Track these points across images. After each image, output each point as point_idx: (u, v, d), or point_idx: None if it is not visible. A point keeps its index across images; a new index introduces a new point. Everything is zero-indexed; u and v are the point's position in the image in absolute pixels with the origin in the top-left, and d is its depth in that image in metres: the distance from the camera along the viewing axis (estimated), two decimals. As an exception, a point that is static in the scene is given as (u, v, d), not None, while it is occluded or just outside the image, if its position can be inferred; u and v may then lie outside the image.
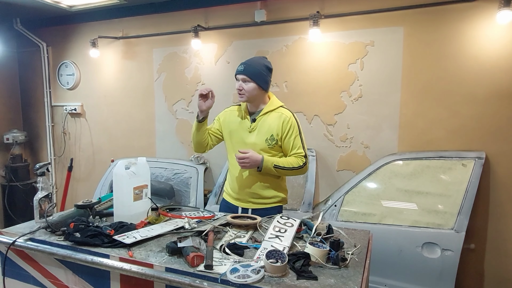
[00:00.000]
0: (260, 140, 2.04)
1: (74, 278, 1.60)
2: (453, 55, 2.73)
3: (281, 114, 2.05)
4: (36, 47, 4.31)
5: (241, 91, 2.02)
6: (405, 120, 2.91)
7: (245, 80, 2.01)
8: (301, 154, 2.03)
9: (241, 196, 2.12)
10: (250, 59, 2.08)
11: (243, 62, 2.05)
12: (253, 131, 2.06)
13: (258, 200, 2.10)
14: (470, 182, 2.53)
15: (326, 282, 1.28)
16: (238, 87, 2.02)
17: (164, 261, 1.43)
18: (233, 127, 2.13)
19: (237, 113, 2.15)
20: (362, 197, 2.78)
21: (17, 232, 1.72)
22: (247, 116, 2.10)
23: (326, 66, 3.12)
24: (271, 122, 2.04)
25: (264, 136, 2.03)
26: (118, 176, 1.82)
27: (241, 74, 2.01)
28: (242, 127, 2.10)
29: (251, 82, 2.01)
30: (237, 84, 2.03)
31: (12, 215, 4.21)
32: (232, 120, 2.15)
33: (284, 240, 1.56)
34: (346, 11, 3.00)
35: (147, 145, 3.97)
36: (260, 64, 2.05)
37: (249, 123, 2.08)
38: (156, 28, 3.75)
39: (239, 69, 2.02)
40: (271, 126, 2.03)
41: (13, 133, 4.29)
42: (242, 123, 2.10)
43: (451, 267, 2.39)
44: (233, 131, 2.13)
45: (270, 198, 2.10)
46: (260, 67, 2.04)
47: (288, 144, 2.04)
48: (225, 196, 2.23)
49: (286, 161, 2.01)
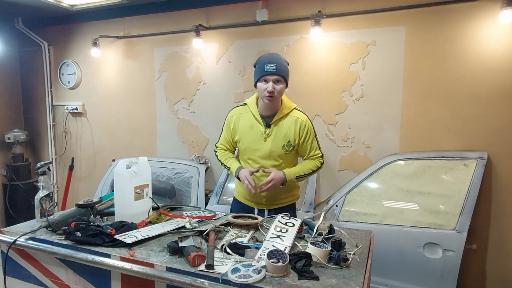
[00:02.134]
0: (276, 147, 1.94)
1: (75, 278, 1.59)
2: (455, 55, 2.72)
3: (296, 119, 1.95)
4: (38, 47, 4.32)
5: (273, 93, 1.83)
6: (406, 120, 2.91)
7: (278, 80, 1.85)
8: (318, 155, 2.00)
9: (257, 199, 2.07)
10: (272, 56, 1.90)
11: (269, 60, 1.85)
12: (268, 137, 1.94)
13: (274, 201, 2.07)
14: (472, 182, 2.52)
15: (328, 282, 1.28)
16: (270, 89, 1.82)
17: (165, 260, 1.43)
18: (244, 132, 1.98)
19: (246, 116, 1.99)
20: (363, 197, 2.77)
21: (18, 231, 1.72)
22: (259, 120, 1.95)
23: (328, 66, 3.11)
24: (287, 127, 1.93)
25: (281, 143, 1.93)
26: (119, 175, 1.82)
27: (274, 75, 1.82)
28: (256, 133, 1.95)
29: (282, 83, 1.87)
30: (269, 86, 1.82)
31: (13, 214, 4.22)
32: (242, 126, 2.00)
33: (286, 240, 1.55)
34: (347, 11, 2.99)
35: (148, 145, 3.97)
36: (285, 61, 1.91)
37: (263, 128, 1.94)
38: (157, 28, 3.75)
39: (269, 69, 1.81)
40: (287, 132, 1.93)
41: (15, 132, 4.30)
42: (254, 128, 1.96)
43: (453, 267, 2.38)
44: (245, 137, 1.99)
45: (286, 198, 2.09)
46: (286, 65, 1.90)
47: (306, 148, 1.98)
48: (238, 197, 2.17)
49: (305, 168, 1.96)
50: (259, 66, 1.89)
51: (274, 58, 1.87)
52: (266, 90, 1.84)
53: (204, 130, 3.67)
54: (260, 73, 1.86)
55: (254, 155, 1.99)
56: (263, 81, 1.86)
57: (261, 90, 1.87)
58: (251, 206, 2.11)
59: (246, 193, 2.11)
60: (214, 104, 3.58)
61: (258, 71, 1.89)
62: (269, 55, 1.93)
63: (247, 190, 1.97)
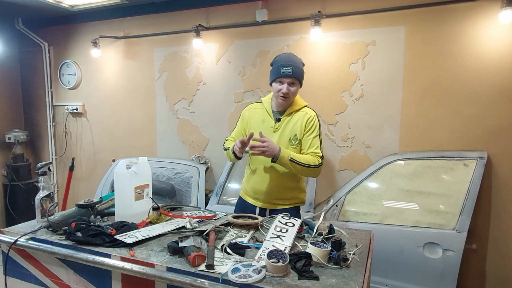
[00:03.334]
0: (283, 140, 1.98)
1: (75, 278, 1.60)
2: (455, 54, 2.72)
3: (305, 113, 2.01)
4: (38, 47, 4.32)
5: (287, 94, 1.91)
6: (406, 120, 2.91)
7: (292, 82, 1.92)
8: (318, 154, 1.96)
9: (261, 196, 2.08)
10: (289, 57, 1.95)
11: (285, 62, 1.91)
12: (277, 131, 2.00)
13: (278, 201, 2.08)
14: (472, 182, 2.52)
15: (328, 282, 1.28)
16: (285, 91, 1.90)
17: (165, 260, 1.43)
18: (256, 125, 2.05)
19: (259, 111, 2.08)
20: (363, 197, 2.77)
21: (18, 232, 1.72)
22: (271, 115, 2.03)
23: (328, 66, 3.11)
24: (295, 121, 1.99)
25: (288, 136, 1.98)
26: (120, 175, 1.82)
27: (289, 77, 1.90)
28: (266, 126, 2.02)
29: (297, 84, 1.94)
30: (283, 87, 1.90)
31: (14, 215, 4.22)
32: (254, 119, 2.08)
33: (286, 240, 1.56)
34: (347, 11, 2.99)
35: (148, 145, 3.97)
36: (301, 63, 1.97)
37: (273, 122, 2.02)
38: (157, 28, 3.75)
39: (286, 71, 1.88)
40: (295, 126, 1.99)
41: (15, 132, 4.30)
42: (265, 121, 2.04)
43: (452, 267, 2.38)
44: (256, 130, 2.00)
45: (289, 199, 2.09)
46: (302, 67, 1.96)
47: (307, 141, 1.97)
48: (243, 195, 2.21)
49: (302, 157, 1.93)
50: (276, 67, 1.95)
51: (291, 60, 1.92)
52: (280, 91, 1.92)
53: (204, 130, 3.67)
54: (276, 75, 1.93)
55: None
56: (278, 82, 1.94)
57: (276, 90, 1.95)
58: (254, 204, 2.11)
59: (250, 191, 2.13)
60: (214, 104, 3.58)
61: (274, 72, 1.95)
62: (286, 56, 1.97)
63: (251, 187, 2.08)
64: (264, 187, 2.05)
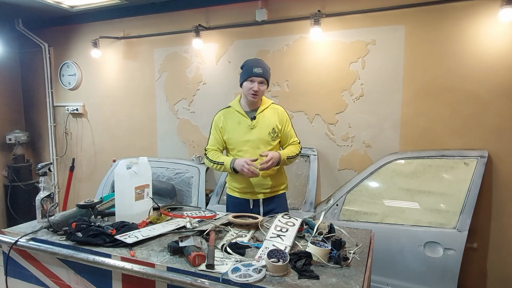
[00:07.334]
0: (262, 135, 2.19)
1: (76, 278, 1.60)
2: (455, 53, 2.72)
3: (276, 109, 2.26)
4: (38, 48, 4.32)
5: (257, 92, 2.15)
6: (406, 119, 2.91)
7: (262, 82, 2.16)
8: (296, 141, 2.28)
9: (251, 189, 2.22)
10: (258, 61, 2.20)
11: (256, 64, 2.16)
12: (254, 128, 2.20)
13: (267, 190, 2.24)
14: (472, 181, 2.52)
15: (328, 282, 1.28)
16: (256, 89, 2.14)
17: (166, 260, 1.43)
18: (233, 128, 2.23)
19: (232, 115, 2.26)
20: (364, 196, 2.77)
21: (19, 232, 1.72)
22: (245, 115, 2.22)
23: (328, 65, 3.11)
24: (269, 117, 2.22)
25: (266, 130, 2.20)
26: (120, 175, 1.82)
27: (260, 77, 2.14)
28: (243, 126, 2.21)
29: (266, 84, 2.20)
30: (254, 86, 2.14)
31: (15, 215, 4.23)
32: (230, 123, 2.25)
33: (286, 240, 1.56)
34: (347, 10, 2.99)
35: (149, 145, 3.97)
36: (268, 67, 2.23)
37: (249, 121, 2.21)
38: (157, 28, 3.75)
39: (257, 72, 2.13)
40: (271, 121, 2.22)
41: (15, 133, 4.30)
42: (241, 123, 2.22)
43: (453, 266, 2.38)
44: (234, 132, 2.23)
45: (277, 186, 2.27)
46: (269, 69, 2.23)
47: (286, 135, 2.26)
48: (231, 193, 2.33)
49: (291, 151, 2.21)
50: (247, 68, 2.18)
51: (261, 64, 2.19)
52: (252, 89, 2.14)
53: (204, 130, 3.67)
54: (247, 75, 2.16)
55: (245, 146, 2.19)
56: (249, 81, 2.16)
57: (247, 88, 2.17)
58: (246, 198, 2.24)
59: (238, 186, 2.25)
60: (214, 104, 3.58)
61: (246, 73, 2.17)
62: (255, 60, 2.24)
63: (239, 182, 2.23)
64: (252, 180, 2.20)
